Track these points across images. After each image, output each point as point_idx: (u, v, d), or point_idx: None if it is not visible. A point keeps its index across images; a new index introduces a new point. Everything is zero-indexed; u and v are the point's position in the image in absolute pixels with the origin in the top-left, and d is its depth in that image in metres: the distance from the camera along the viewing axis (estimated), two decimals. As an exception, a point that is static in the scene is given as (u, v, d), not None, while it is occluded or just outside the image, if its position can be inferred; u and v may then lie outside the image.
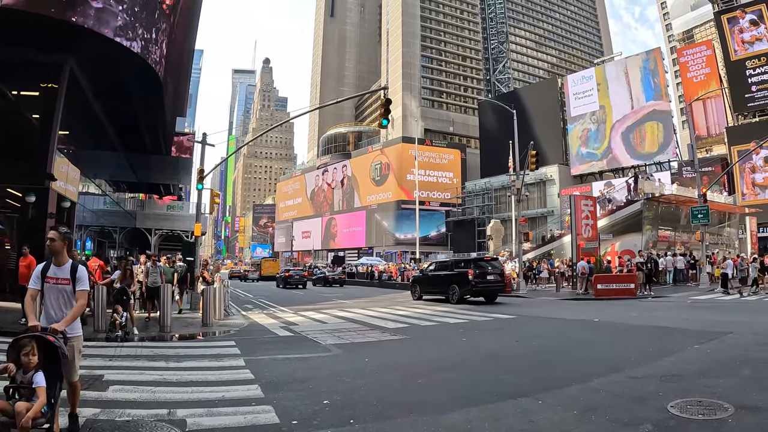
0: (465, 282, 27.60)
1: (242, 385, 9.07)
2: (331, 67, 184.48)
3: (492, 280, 28.25)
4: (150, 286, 19.07)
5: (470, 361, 11.84)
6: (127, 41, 19.66)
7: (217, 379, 9.70)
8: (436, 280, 30.70)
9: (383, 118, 22.74)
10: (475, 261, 30.29)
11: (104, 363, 11.01)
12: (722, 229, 50.07)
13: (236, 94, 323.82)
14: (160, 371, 10.33)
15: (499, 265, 31.73)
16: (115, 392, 8.42)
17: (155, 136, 33.53)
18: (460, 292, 27.71)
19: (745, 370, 9.77)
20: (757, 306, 23.67)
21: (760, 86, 76.58)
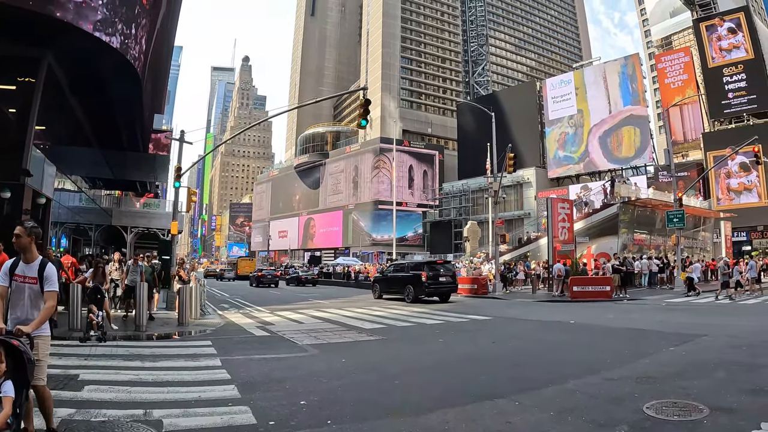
0: (419, 283, 29.52)
1: (219, 386, 9.03)
2: (311, 67, 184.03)
3: (444, 282, 30.07)
4: (129, 285, 18.77)
5: (447, 362, 11.88)
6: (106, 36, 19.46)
7: (194, 379, 9.65)
8: (394, 280, 32.66)
9: (362, 119, 22.71)
10: (428, 264, 31.93)
11: (79, 362, 10.92)
12: (697, 233, 50.53)
13: (215, 92, 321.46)
14: (135, 371, 10.26)
15: (451, 267, 33.58)
16: (90, 392, 8.34)
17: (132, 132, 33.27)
18: (414, 292, 29.52)
19: (720, 372, 9.87)
20: (732, 309, 23.86)
21: (737, 93, 77.45)
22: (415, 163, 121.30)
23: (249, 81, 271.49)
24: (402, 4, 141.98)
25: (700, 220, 50.42)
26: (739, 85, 77.70)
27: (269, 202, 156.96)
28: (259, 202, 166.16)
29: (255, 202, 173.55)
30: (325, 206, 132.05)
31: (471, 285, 35.04)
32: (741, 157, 67.79)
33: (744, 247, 67.82)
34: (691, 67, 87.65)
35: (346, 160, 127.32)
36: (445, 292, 30.28)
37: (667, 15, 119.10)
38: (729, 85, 78.45)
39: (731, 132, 73.80)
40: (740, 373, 9.73)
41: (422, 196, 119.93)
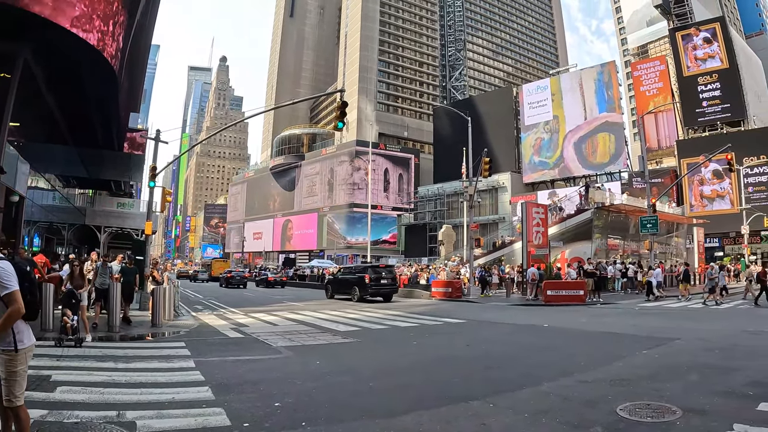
0: (363, 284, 32.86)
1: (193, 387, 8.99)
2: (289, 68, 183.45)
3: (385, 284, 33.39)
4: (98, 287, 17.72)
5: (421, 364, 11.88)
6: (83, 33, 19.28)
7: (168, 380, 9.57)
8: (343, 282, 36.13)
9: (339, 121, 22.71)
10: (371, 267, 35.76)
11: (52, 363, 10.82)
12: (670, 239, 50.92)
13: (191, 92, 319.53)
14: (109, 372, 10.18)
15: (392, 271, 36.56)
16: (63, 393, 8.28)
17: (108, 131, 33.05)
18: (360, 293, 32.82)
19: (693, 374, 9.99)
20: (704, 313, 24.13)
21: (711, 102, 78.50)
22: (391, 166, 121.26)
23: (226, 81, 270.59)
24: (381, 8, 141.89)
25: (673, 226, 50.80)
26: (714, 94, 78.81)
27: (244, 204, 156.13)
28: (234, 203, 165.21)
29: (230, 203, 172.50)
30: (301, 208, 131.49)
31: (445, 288, 35.10)
32: (714, 164, 68.58)
33: (716, 253, 68.49)
34: (667, 76, 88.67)
35: (321, 162, 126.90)
36: (386, 292, 33.38)
37: (644, 24, 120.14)
38: (703, 93, 79.61)
39: (705, 140, 74.75)
40: (713, 376, 9.86)
41: (398, 199, 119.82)
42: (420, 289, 38.37)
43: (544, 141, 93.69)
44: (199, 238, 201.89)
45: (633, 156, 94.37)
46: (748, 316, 22.11)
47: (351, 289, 33.74)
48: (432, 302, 32.86)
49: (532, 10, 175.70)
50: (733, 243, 70.07)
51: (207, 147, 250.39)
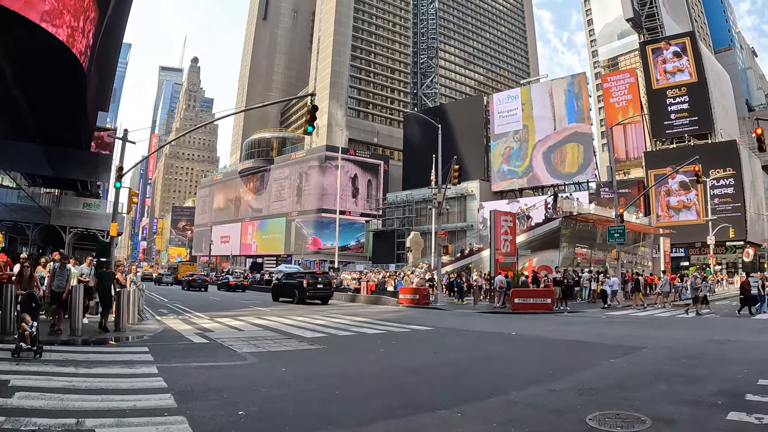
0: (302, 288, 36.24)
1: (155, 394, 8.77)
2: (260, 71, 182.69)
3: (321, 288, 37.00)
4: (55, 290, 16.31)
5: (389, 372, 11.81)
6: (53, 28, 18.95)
7: (129, 387, 9.37)
8: (286, 286, 39.56)
9: (309, 125, 22.65)
10: (309, 274, 40.33)
11: (10, 367, 10.57)
12: (637, 249, 51.37)
13: (162, 92, 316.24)
14: (69, 377, 9.90)
15: (328, 277, 41.13)
16: (21, 399, 8.05)
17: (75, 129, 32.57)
18: (299, 296, 36.11)
19: (660, 383, 10.01)
20: (670, 322, 24.43)
21: (679, 114, 79.59)
22: (360, 172, 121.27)
23: (197, 83, 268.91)
24: (354, 13, 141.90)
25: (640, 235, 51.26)
26: (682, 107, 79.93)
27: (212, 207, 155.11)
28: (202, 206, 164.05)
29: (198, 206, 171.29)
30: (269, 212, 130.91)
31: (413, 295, 34.97)
32: (681, 176, 69.49)
33: (682, 262, 69.37)
34: (636, 88, 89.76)
35: (291, 166, 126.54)
36: (322, 296, 36.96)
37: (615, 37, 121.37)
38: (672, 106, 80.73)
39: (672, 152, 75.71)
40: (680, 385, 9.89)
41: (366, 205, 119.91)
42: (387, 296, 38.29)
43: (514, 150, 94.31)
44: (166, 241, 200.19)
45: (601, 166, 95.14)
46: (714, 325, 22.32)
47: (292, 293, 37.16)
48: (399, 309, 32.78)
49: (505, 20, 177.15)
50: (699, 253, 71.02)
51: (176, 149, 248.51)
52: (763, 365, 11.56)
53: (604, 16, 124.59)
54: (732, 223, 64.70)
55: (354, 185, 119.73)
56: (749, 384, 9.70)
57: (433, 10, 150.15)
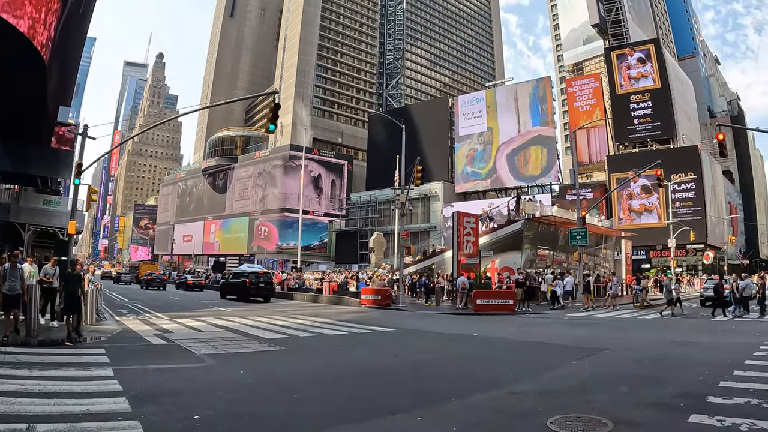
0: (245, 287, 39.65)
1: (109, 398, 8.60)
2: (226, 68, 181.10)
3: (263, 287, 40.23)
4: (7, 293, 15.05)
5: (348, 374, 11.79)
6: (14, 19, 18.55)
7: (83, 390, 9.15)
8: (232, 285, 42.91)
9: (271, 123, 22.48)
10: (252, 274, 42.35)
11: (-39, 369, 10.28)
12: (599, 251, 51.75)
13: (126, 88, 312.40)
14: (22, 380, 9.68)
15: (270, 277, 45.08)
16: (-30, 403, 7.81)
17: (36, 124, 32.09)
18: (242, 294, 39.49)
19: (623, 385, 10.08)
20: (632, 323, 24.77)
21: (642, 120, 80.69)
22: (324, 171, 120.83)
23: (162, 79, 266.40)
24: (322, 13, 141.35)
25: (602, 238, 51.66)
26: (645, 112, 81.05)
27: (175, 205, 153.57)
28: (165, 204, 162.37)
29: (160, 204, 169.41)
30: (232, 211, 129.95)
31: (375, 296, 34.94)
32: (643, 180, 70.33)
33: (643, 264, 70.23)
34: (600, 93, 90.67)
35: (254, 165, 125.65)
36: (265, 294, 40.15)
37: (581, 42, 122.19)
38: (635, 111, 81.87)
39: (635, 156, 76.82)
40: (643, 387, 9.97)
41: (330, 205, 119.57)
42: (350, 297, 38.23)
43: (478, 152, 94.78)
44: (128, 240, 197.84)
45: (564, 169, 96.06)
46: (675, 327, 22.54)
47: (237, 291, 40.77)
48: (361, 310, 32.74)
49: (472, 23, 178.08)
50: (660, 255, 71.94)
51: (139, 146, 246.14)
52: (724, 367, 11.66)
53: (570, 21, 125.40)
54: (692, 227, 65.49)
55: (318, 185, 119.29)
56: (710, 386, 9.83)
57: (401, 11, 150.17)
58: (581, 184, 62.97)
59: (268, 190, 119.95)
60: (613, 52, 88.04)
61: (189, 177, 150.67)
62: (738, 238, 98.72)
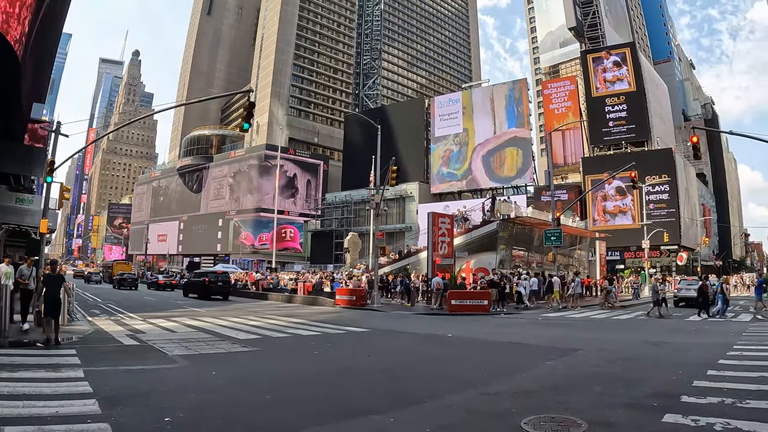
0: (204, 286, 43.28)
1: (79, 400, 8.48)
2: (202, 67, 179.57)
3: (221, 286, 43.92)
4: None
5: (322, 375, 11.71)
6: (-15, 13, 18.34)
7: (53, 392, 9.04)
8: (193, 284, 46.62)
9: (245, 122, 22.35)
10: (210, 273, 47.25)
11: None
12: (573, 252, 52.10)
13: (101, 85, 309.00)
14: (-9, 381, 9.54)
15: (227, 277, 47.58)
16: (-63, 405, 7.70)
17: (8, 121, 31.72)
18: (202, 292, 42.92)
19: (597, 386, 10.12)
20: (605, 324, 24.87)
21: (617, 122, 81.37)
22: (300, 171, 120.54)
23: (137, 76, 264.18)
24: (300, 12, 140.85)
25: (576, 239, 51.99)
26: (620, 115, 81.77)
27: (149, 204, 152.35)
28: (139, 203, 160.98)
29: (135, 203, 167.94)
30: (207, 211, 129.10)
31: (350, 296, 34.88)
32: (617, 181, 70.89)
33: (617, 265, 70.74)
34: (576, 95, 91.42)
35: (230, 165, 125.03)
36: (223, 293, 43.66)
37: (557, 45, 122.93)
38: (610, 114, 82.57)
39: (609, 158, 77.44)
40: (617, 387, 10.02)
41: (305, 205, 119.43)
42: (324, 297, 38.17)
43: (453, 153, 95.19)
44: (102, 239, 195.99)
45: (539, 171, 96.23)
46: (647, 327, 22.69)
47: (197, 289, 44.22)
48: (336, 310, 32.71)
49: (449, 24, 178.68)
50: (634, 256, 72.54)
51: (114, 144, 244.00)
52: (698, 367, 11.75)
53: (547, 24, 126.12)
54: (666, 228, 66.22)
55: (293, 185, 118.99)
56: (684, 385, 9.90)
57: (378, 12, 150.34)
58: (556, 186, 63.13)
59: (244, 190, 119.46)
60: (590, 55, 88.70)
61: (164, 176, 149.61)
62: (711, 240, 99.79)
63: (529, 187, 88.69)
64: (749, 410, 7.99)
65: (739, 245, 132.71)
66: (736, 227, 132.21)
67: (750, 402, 8.44)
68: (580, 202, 72.24)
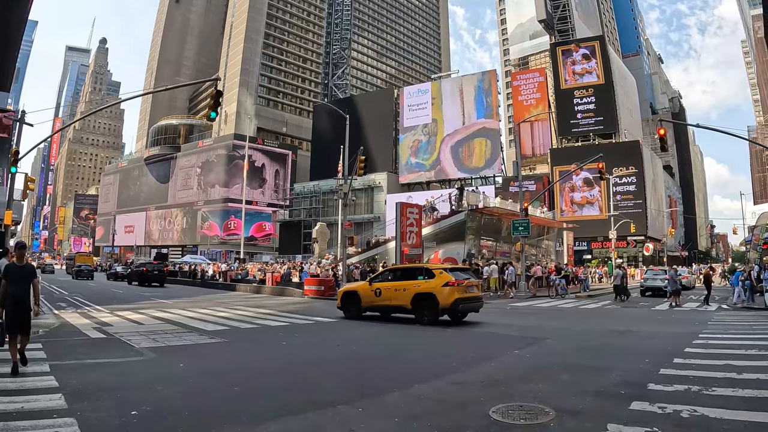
0: (143, 274, 49.08)
1: (45, 394, 8.39)
2: (170, 55, 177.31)
3: (156, 274, 49.35)
4: None
5: (290, 366, 11.70)
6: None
7: (18, 387, 8.94)
8: (135, 272, 51.31)
9: (212, 110, 22.23)
10: (149, 263, 55.46)
11: None
12: (541, 242, 52.56)
13: (67, 74, 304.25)
14: (-46, 378, 9.39)
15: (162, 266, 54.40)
16: None
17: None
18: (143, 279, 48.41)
19: (565, 374, 10.25)
20: (574, 312, 25.24)
21: (585, 114, 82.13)
22: (268, 161, 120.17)
23: (104, 65, 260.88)
24: (269, 0, 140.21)
25: (544, 229, 52.44)
26: (588, 107, 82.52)
27: (116, 195, 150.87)
28: (106, 194, 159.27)
29: (101, 194, 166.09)
30: (174, 202, 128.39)
31: (318, 287, 34.87)
32: (585, 173, 71.52)
33: (585, 255, 71.50)
34: (545, 87, 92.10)
35: (198, 154, 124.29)
36: (158, 279, 48.82)
37: (527, 37, 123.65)
38: (579, 106, 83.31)
39: (577, 149, 78.14)
40: (584, 375, 10.14)
41: (273, 195, 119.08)
42: (293, 287, 38.10)
43: (422, 143, 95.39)
44: (68, 231, 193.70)
45: (508, 161, 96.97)
46: (614, 316, 22.90)
47: (138, 278, 49.32)
48: (304, 300, 32.72)
49: (420, 14, 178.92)
50: (601, 246, 73.33)
51: (80, 133, 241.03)
52: (664, 355, 11.91)
53: (517, 16, 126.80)
54: (633, 219, 67.01)
55: (261, 175, 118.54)
56: (651, 374, 10.02)
57: (349, 1, 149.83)
58: (524, 177, 63.76)
59: (212, 180, 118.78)
60: (559, 48, 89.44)
61: (131, 166, 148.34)
62: (677, 231, 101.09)
63: (498, 177, 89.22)
64: (715, 397, 8.11)
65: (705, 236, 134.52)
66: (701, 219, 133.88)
67: (716, 389, 8.57)
68: (548, 193, 72.87)
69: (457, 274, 19.48)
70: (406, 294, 19.33)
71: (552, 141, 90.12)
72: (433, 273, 19.27)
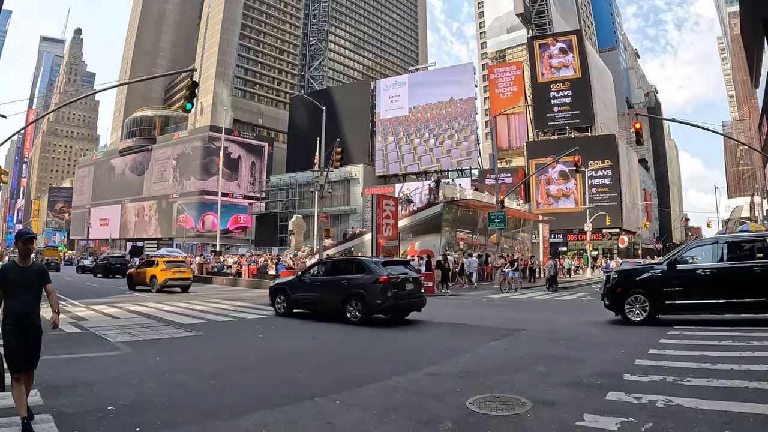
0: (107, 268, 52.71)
1: (20, 390, 8.26)
2: (146, 46, 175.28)
3: (119, 267, 52.02)
4: None
5: (267, 360, 11.71)
6: None
7: (-8, 383, 8.80)
8: (100, 266, 56.14)
9: (188, 102, 22.14)
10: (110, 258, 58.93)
11: None
12: (517, 234, 52.82)
13: (41, 64, 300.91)
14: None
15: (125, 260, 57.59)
16: None
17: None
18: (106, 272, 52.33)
19: (540, 365, 10.28)
20: (549, 305, 25.33)
21: (562, 108, 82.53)
22: (244, 153, 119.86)
23: (79, 56, 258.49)
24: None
25: (520, 222, 52.71)
26: (565, 101, 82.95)
27: (91, 188, 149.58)
28: (81, 187, 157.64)
29: (76, 186, 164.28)
30: (150, 194, 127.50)
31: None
32: (561, 166, 71.90)
33: (560, 248, 71.90)
34: (522, 81, 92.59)
35: (173, 146, 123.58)
36: (121, 271, 49.49)
37: (505, 30, 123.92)
38: (555, 99, 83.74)
39: (553, 143, 78.53)
40: (560, 366, 10.18)
41: (250, 187, 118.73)
42: (269, 280, 37.92)
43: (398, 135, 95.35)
44: (43, 224, 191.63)
45: (484, 154, 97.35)
46: (590, 308, 22.95)
47: (102, 270, 53.49)
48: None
49: (397, 6, 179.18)
50: (576, 239, 73.73)
51: (54, 125, 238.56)
52: (639, 346, 11.92)
53: (495, 9, 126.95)
54: (608, 212, 67.41)
55: (237, 167, 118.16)
56: (626, 364, 10.08)
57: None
58: (501, 169, 64.06)
59: (187, 173, 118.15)
60: (536, 42, 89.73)
61: (106, 158, 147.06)
62: (652, 224, 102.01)
63: (474, 170, 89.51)
64: (690, 387, 8.18)
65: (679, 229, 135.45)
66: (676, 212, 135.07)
67: (691, 380, 8.64)
68: (524, 186, 73.10)
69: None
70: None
71: (528, 134, 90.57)
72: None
